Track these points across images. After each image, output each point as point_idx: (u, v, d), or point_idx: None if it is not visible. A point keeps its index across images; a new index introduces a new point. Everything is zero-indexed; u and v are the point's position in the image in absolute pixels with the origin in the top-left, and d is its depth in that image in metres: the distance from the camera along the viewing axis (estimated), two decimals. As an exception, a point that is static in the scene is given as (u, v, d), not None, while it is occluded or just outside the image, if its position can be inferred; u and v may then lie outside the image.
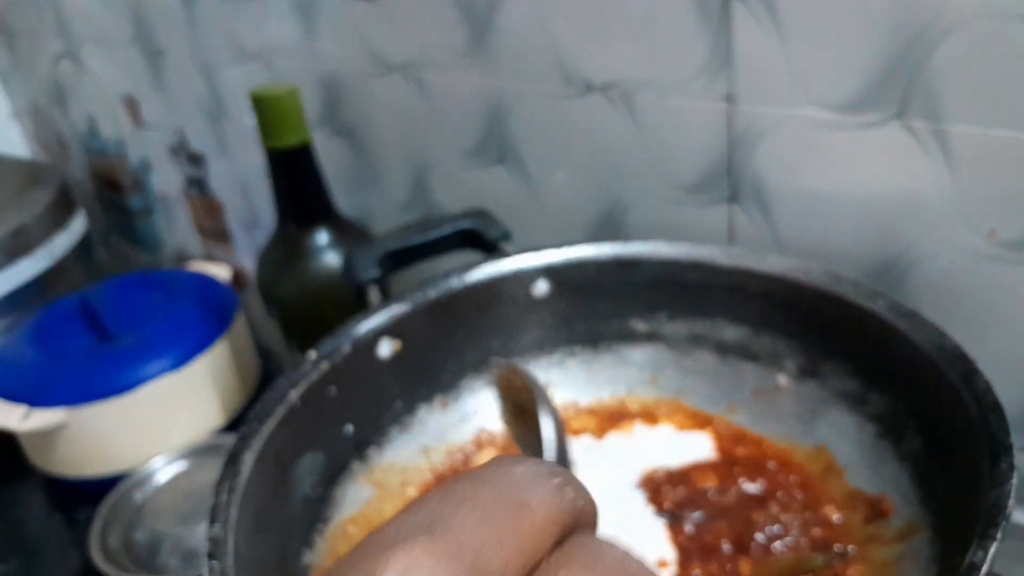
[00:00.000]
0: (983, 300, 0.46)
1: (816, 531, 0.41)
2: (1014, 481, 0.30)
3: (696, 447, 0.48)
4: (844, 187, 0.47)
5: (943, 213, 0.45)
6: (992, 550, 0.28)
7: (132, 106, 0.93)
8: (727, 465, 0.46)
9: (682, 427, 0.49)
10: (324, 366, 0.42)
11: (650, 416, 0.50)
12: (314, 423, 0.42)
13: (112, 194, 1.05)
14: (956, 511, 0.34)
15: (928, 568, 0.35)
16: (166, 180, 0.95)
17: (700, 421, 0.49)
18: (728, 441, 0.48)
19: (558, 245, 0.50)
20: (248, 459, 0.37)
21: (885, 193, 0.46)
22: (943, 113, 0.43)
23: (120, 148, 0.98)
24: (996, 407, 0.33)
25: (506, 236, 0.50)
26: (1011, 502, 0.29)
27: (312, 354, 0.42)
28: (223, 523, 0.34)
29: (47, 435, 0.68)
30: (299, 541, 0.41)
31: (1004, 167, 0.43)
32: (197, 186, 0.91)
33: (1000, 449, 0.31)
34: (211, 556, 0.32)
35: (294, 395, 0.40)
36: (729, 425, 0.48)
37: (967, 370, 0.36)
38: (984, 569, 0.27)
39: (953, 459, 0.36)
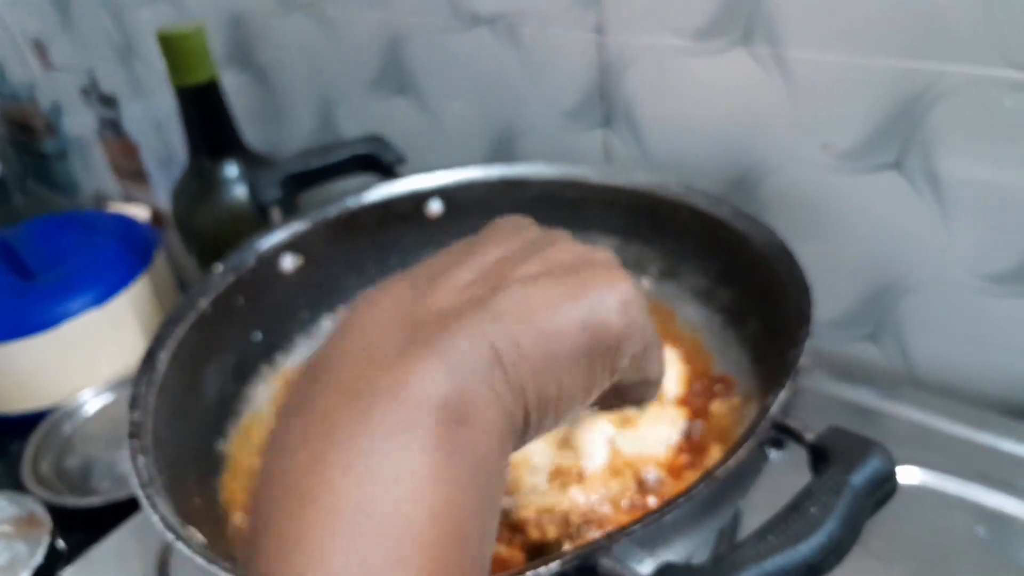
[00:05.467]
0: (824, 207, 0.52)
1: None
2: (807, 343, 0.36)
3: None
4: (701, 109, 0.53)
5: (785, 130, 0.51)
6: (781, 396, 0.34)
7: (40, 49, 0.93)
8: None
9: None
10: (230, 277, 0.46)
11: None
12: (224, 328, 0.46)
13: (25, 138, 1.05)
14: (776, 378, 0.40)
15: (756, 427, 0.42)
16: (79, 122, 0.96)
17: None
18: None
19: (448, 168, 0.54)
20: (163, 357, 0.41)
21: (735, 113, 0.52)
22: (781, 39, 0.48)
23: (30, 92, 0.99)
24: (805, 288, 0.40)
25: (400, 160, 0.54)
26: (803, 358, 0.35)
27: (218, 266, 0.46)
28: (142, 409, 0.38)
29: (-28, 373, 0.69)
30: (213, 430, 0.45)
31: (836, 87, 0.48)
32: (111, 127, 0.92)
33: (802, 319, 0.38)
34: (132, 435, 0.37)
35: (204, 302, 0.45)
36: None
37: (788, 260, 0.42)
38: (773, 409, 0.33)
39: (778, 337, 0.42)
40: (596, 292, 0.26)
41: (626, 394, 0.30)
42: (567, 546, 0.39)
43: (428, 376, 0.22)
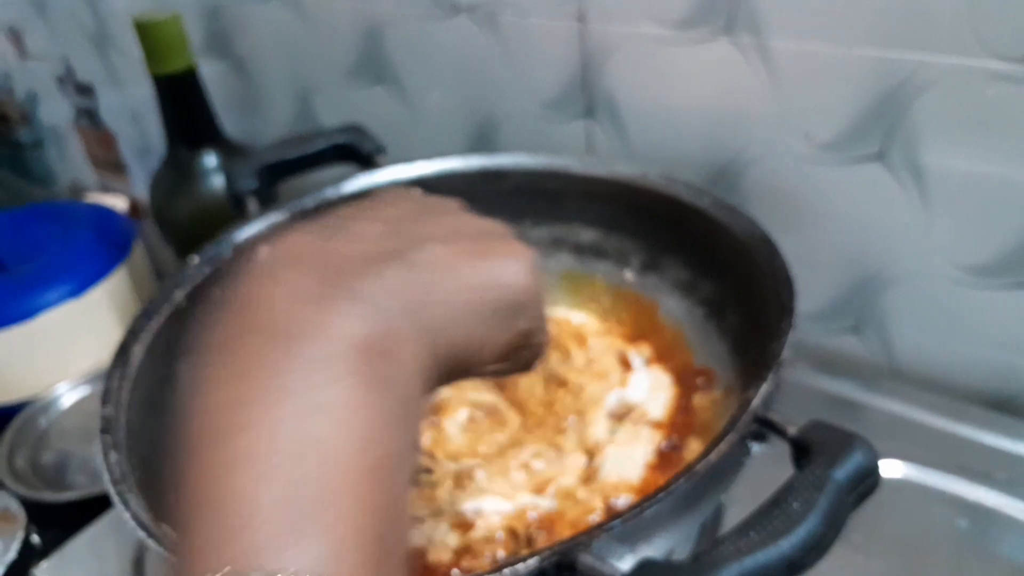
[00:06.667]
0: (806, 198, 0.52)
1: None
2: (789, 336, 0.36)
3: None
4: (683, 99, 0.53)
5: (767, 120, 0.51)
6: (763, 389, 0.33)
7: (15, 37, 0.91)
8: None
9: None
10: (207, 269, 0.45)
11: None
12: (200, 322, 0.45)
13: (0, 128, 1.03)
14: (757, 371, 0.40)
15: (737, 421, 0.41)
16: (55, 112, 0.95)
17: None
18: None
19: (428, 158, 0.54)
20: (137, 351, 0.40)
21: (717, 103, 0.52)
22: (764, 29, 0.48)
23: (5, 81, 0.97)
24: (788, 280, 0.39)
25: (380, 150, 0.54)
26: (785, 351, 0.35)
27: (194, 258, 0.46)
28: (114, 404, 0.37)
29: (-54, 366, 0.68)
30: (188, 426, 0.44)
31: (818, 77, 0.48)
32: (87, 117, 0.91)
33: (784, 311, 0.37)
34: (104, 431, 0.36)
35: (179, 295, 0.44)
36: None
37: (770, 251, 0.42)
38: (755, 403, 0.33)
39: (760, 329, 0.42)
40: (503, 256, 0.28)
41: (515, 355, 0.31)
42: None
43: (349, 316, 0.23)
